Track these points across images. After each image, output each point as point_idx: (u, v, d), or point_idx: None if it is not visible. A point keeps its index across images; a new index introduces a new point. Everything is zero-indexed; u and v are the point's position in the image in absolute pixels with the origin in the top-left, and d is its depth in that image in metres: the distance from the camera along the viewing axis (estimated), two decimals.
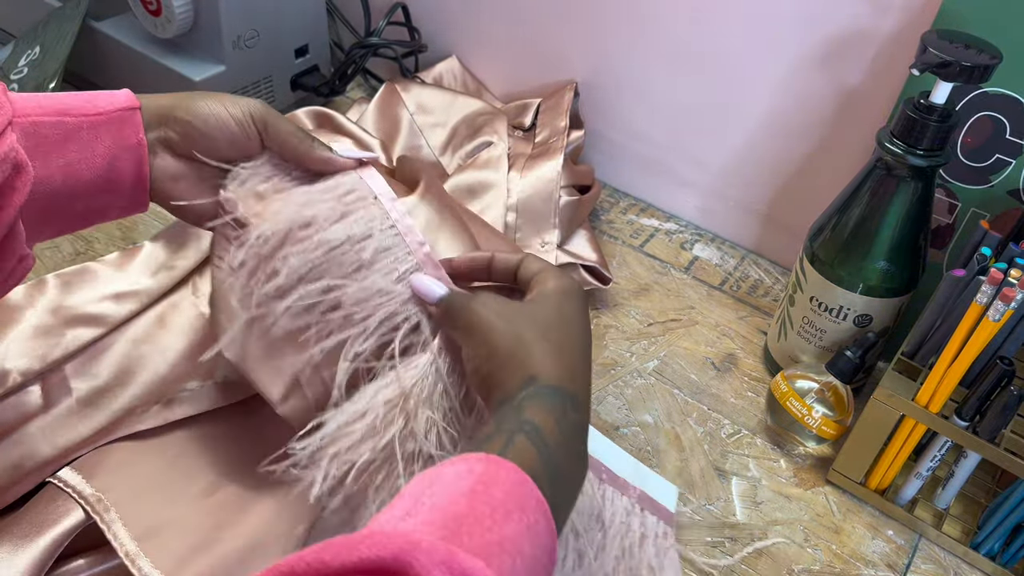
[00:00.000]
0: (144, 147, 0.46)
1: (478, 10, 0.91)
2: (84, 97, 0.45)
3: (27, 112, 0.43)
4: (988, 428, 0.54)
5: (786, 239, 0.82)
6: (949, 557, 0.60)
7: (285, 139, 0.50)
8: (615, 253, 0.83)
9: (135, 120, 0.46)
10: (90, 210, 0.47)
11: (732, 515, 0.60)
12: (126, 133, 0.46)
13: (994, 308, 0.51)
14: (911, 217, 0.60)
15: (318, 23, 0.91)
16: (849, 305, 0.63)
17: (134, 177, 0.47)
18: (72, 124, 0.44)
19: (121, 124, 0.46)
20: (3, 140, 0.41)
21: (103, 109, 0.45)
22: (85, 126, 0.45)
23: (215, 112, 0.48)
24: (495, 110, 0.87)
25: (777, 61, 0.74)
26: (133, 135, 0.46)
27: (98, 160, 0.45)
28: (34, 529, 0.49)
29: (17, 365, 0.56)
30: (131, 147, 0.46)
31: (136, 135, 0.46)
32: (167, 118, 0.48)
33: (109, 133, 0.45)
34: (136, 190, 0.47)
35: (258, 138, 0.50)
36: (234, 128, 0.48)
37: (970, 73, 0.54)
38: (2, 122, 0.42)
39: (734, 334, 0.75)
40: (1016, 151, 0.62)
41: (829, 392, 0.64)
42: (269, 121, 0.49)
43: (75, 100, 0.45)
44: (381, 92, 0.89)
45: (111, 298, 0.61)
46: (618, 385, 0.69)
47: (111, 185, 0.46)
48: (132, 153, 0.46)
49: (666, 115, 0.84)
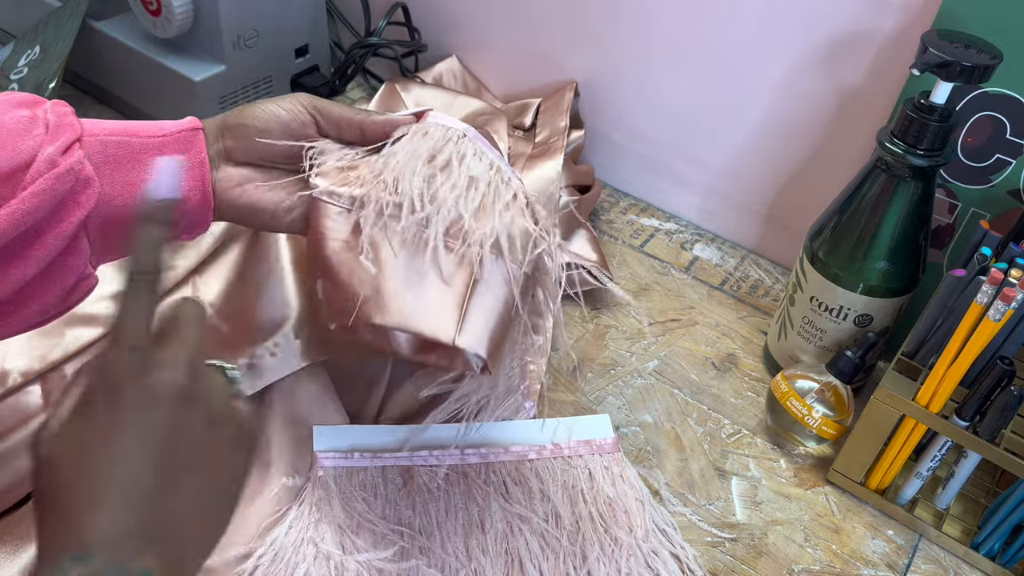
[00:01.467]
0: (207, 165, 0.47)
1: (478, 10, 0.91)
2: (151, 123, 0.47)
3: (95, 132, 0.44)
4: (988, 428, 0.54)
5: (786, 239, 0.82)
6: (949, 557, 0.60)
7: (341, 115, 0.50)
8: (615, 253, 0.83)
9: (199, 140, 0.47)
10: None
11: (732, 515, 0.60)
12: (191, 153, 0.47)
13: (994, 308, 0.51)
14: (911, 217, 0.60)
15: (318, 23, 0.91)
16: (849, 305, 0.63)
17: (199, 194, 0.47)
18: (139, 144, 0.45)
19: (186, 144, 0.47)
20: (70, 153, 0.43)
21: (168, 131, 0.47)
22: (152, 146, 0.46)
23: (266, 109, 0.49)
24: (495, 110, 0.87)
25: (777, 61, 0.74)
26: (197, 154, 0.47)
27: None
28: (33, 530, 0.48)
29: (17, 365, 0.56)
30: (195, 165, 0.47)
31: (200, 153, 0.47)
32: (222, 129, 0.48)
33: (175, 153, 0.46)
34: (200, 208, 0.48)
35: (313, 124, 0.50)
36: (287, 118, 0.49)
37: (970, 73, 0.54)
38: (71, 137, 0.43)
39: (734, 334, 0.75)
40: (1016, 151, 0.62)
41: (829, 392, 0.64)
42: (320, 105, 0.50)
43: (142, 125, 0.46)
44: (381, 92, 0.89)
45: (111, 298, 0.61)
46: (618, 385, 0.69)
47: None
48: (196, 171, 0.47)
49: (666, 115, 0.84)
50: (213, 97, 0.82)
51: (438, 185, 0.48)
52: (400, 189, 0.47)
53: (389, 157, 0.49)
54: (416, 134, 0.50)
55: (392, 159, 0.49)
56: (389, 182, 0.48)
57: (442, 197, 0.48)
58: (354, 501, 0.55)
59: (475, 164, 0.50)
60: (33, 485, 0.33)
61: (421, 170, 0.48)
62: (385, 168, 0.49)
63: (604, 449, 0.61)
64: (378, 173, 0.49)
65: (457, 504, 0.56)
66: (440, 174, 0.49)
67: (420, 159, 0.49)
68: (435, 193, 0.48)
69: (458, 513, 0.55)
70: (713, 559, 0.57)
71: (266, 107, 0.49)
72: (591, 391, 0.68)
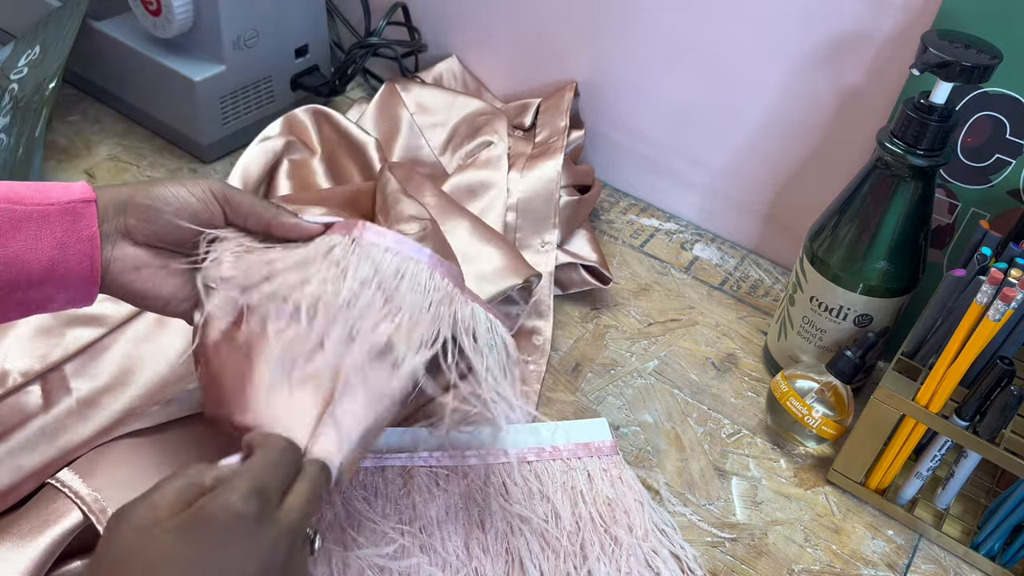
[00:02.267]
0: (97, 240, 0.45)
1: (478, 10, 0.91)
2: (38, 187, 0.44)
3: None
4: (988, 428, 0.54)
5: (786, 239, 0.82)
6: (949, 557, 0.60)
7: (250, 209, 0.49)
8: (615, 253, 0.83)
9: (90, 212, 0.45)
10: (30, 300, 0.45)
11: (732, 515, 0.60)
12: (79, 226, 0.44)
13: (994, 308, 0.51)
14: (911, 217, 0.60)
15: (318, 23, 0.91)
16: (849, 305, 0.63)
17: (84, 271, 0.45)
18: (22, 212, 0.43)
19: (74, 217, 0.44)
20: None
21: (56, 200, 0.44)
22: (36, 216, 0.43)
23: (174, 192, 0.47)
24: (495, 110, 0.87)
25: (777, 61, 0.74)
26: (86, 228, 0.44)
27: (46, 252, 0.43)
28: (34, 530, 0.49)
29: (17, 365, 0.56)
30: (83, 239, 0.44)
31: (89, 228, 0.45)
32: (126, 205, 0.46)
33: (61, 225, 0.44)
34: (85, 283, 0.46)
35: (221, 214, 0.48)
36: (196, 205, 0.47)
37: (970, 73, 0.54)
38: None
39: (734, 334, 0.75)
40: (1016, 151, 0.62)
41: (829, 392, 0.64)
42: (230, 195, 0.48)
43: (27, 189, 0.44)
44: (381, 92, 0.89)
45: (111, 298, 0.61)
46: (618, 385, 0.69)
47: (57, 278, 0.44)
48: (84, 246, 0.44)
49: (666, 115, 0.84)
50: (213, 97, 0.82)
51: (327, 293, 0.46)
52: (285, 291, 0.46)
53: (287, 254, 0.48)
54: (317, 253, 0.48)
55: (290, 257, 0.48)
56: (278, 280, 0.47)
57: (326, 304, 0.46)
58: (354, 500, 0.55)
59: (365, 270, 0.47)
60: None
61: (314, 274, 0.47)
62: (278, 265, 0.47)
63: (602, 451, 0.62)
64: (270, 267, 0.47)
65: (457, 504, 0.56)
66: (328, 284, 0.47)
67: (316, 264, 0.47)
68: (319, 300, 0.46)
69: (458, 513, 0.55)
70: (713, 559, 0.57)
71: (177, 192, 0.47)
72: (591, 391, 0.68)
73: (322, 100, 0.93)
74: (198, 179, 0.48)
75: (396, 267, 0.47)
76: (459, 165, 0.83)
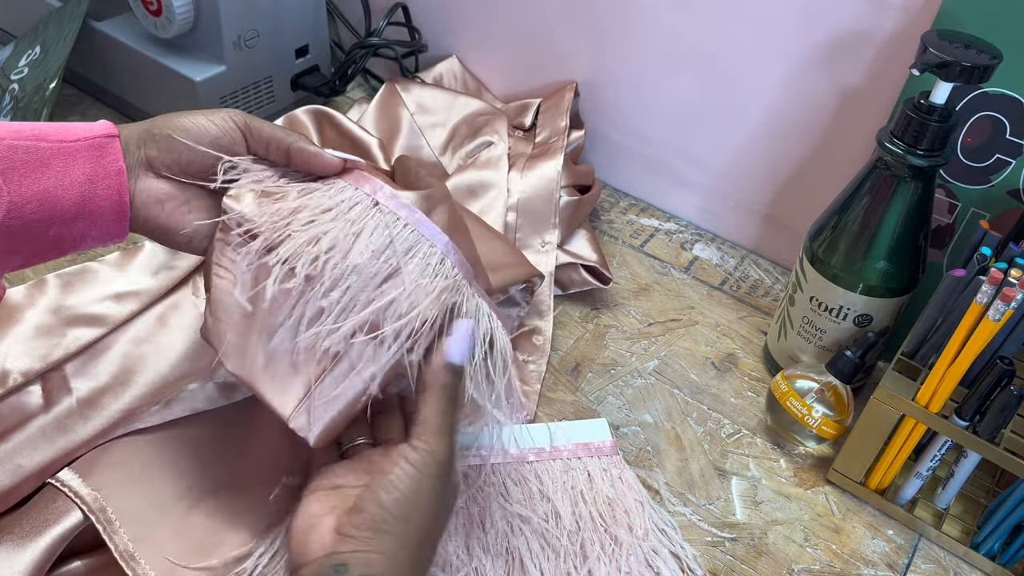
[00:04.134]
0: (124, 175, 0.45)
1: (478, 10, 0.91)
2: (61, 125, 0.44)
3: (1, 135, 0.42)
4: (988, 428, 0.54)
5: (786, 239, 0.82)
6: (949, 557, 0.60)
7: (270, 136, 0.49)
8: (615, 253, 0.83)
9: (114, 147, 0.45)
10: (63, 238, 0.45)
11: (732, 515, 0.61)
12: (106, 161, 0.45)
13: (994, 308, 0.51)
14: (911, 217, 0.60)
15: (318, 23, 0.91)
16: (849, 305, 0.63)
17: (114, 205, 0.45)
18: (48, 150, 0.43)
19: (100, 151, 0.45)
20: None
21: (80, 136, 0.44)
22: (62, 152, 0.43)
23: (195, 121, 0.47)
24: (495, 110, 0.87)
25: (777, 61, 0.74)
26: (113, 163, 0.45)
27: (75, 187, 0.44)
28: (34, 530, 0.49)
29: (18, 365, 0.56)
30: (110, 174, 0.45)
31: (116, 162, 0.45)
32: (146, 136, 0.46)
33: (88, 160, 0.44)
34: (116, 218, 0.46)
35: (243, 140, 0.49)
36: (216, 132, 0.47)
37: (970, 73, 0.54)
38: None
39: (734, 334, 0.75)
40: (1016, 151, 0.62)
41: (829, 392, 0.64)
42: (251, 122, 0.49)
43: (51, 129, 0.44)
44: (381, 92, 0.89)
45: (112, 298, 0.61)
46: (618, 385, 0.69)
47: (88, 213, 0.45)
48: (112, 180, 0.45)
49: (666, 115, 0.84)
50: (213, 97, 0.82)
51: (336, 255, 0.46)
52: (296, 247, 0.46)
53: (306, 199, 0.48)
54: (338, 206, 0.48)
55: (311, 200, 0.47)
56: (294, 233, 0.46)
57: (330, 269, 0.46)
58: None
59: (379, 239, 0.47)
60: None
61: (330, 229, 0.46)
62: (298, 213, 0.47)
63: (603, 452, 0.62)
64: (289, 214, 0.47)
65: (457, 504, 0.56)
66: (339, 243, 0.46)
67: (333, 218, 0.47)
68: (328, 261, 0.46)
69: (458, 512, 0.55)
70: (713, 559, 0.57)
71: (196, 119, 0.47)
72: (591, 391, 0.68)
73: (322, 100, 0.93)
74: (218, 108, 0.48)
75: (410, 245, 0.47)
76: (459, 165, 0.83)
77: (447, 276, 0.47)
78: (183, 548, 0.51)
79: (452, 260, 0.48)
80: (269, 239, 0.46)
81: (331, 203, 0.48)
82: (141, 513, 0.51)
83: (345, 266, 0.45)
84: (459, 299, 0.47)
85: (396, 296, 0.45)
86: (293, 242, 0.46)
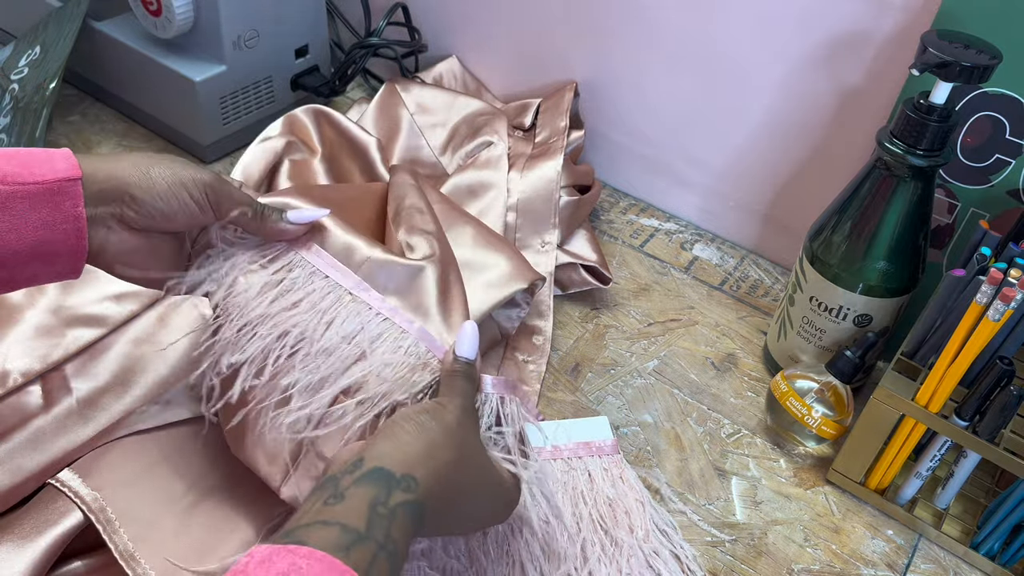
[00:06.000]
0: (83, 220, 0.44)
1: (478, 10, 0.91)
2: (21, 160, 0.43)
3: None
4: (988, 428, 0.54)
5: (786, 239, 0.82)
6: (949, 557, 0.60)
7: (239, 216, 0.50)
8: (615, 253, 0.83)
9: (75, 192, 0.44)
10: (15, 279, 0.44)
11: (732, 515, 0.61)
12: (65, 206, 0.43)
13: (994, 308, 0.51)
14: (911, 217, 0.60)
15: (318, 23, 0.91)
16: (849, 305, 0.63)
17: (70, 248, 0.45)
18: (5, 192, 0.42)
19: (60, 196, 0.43)
20: None
21: (41, 178, 0.43)
22: (19, 195, 0.42)
23: (175, 194, 0.47)
24: (495, 110, 0.87)
25: (777, 61, 0.74)
26: (72, 207, 0.44)
27: (30, 231, 0.43)
28: (34, 530, 0.49)
29: (18, 366, 0.56)
30: (69, 219, 0.44)
31: (75, 207, 0.44)
32: (122, 194, 0.46)
33: (46, 204, 0.43)
34: (71, 260, 0.45)
35: (211, 212, 0.49)
36: (193, 207, 0.48)
37: (970, 73, 0.54)
38: None
39: (734, 334, 0.75)
40: (1016, 151, 0.62)
41: (829, 392, 0.64)
42: (222, 195, 0.49)
43: (10, 165, 0.43)
44: (381, 92, 0.89)
45: (112, 298, 0.61)
46: (618, 385, 0.69)
47: (43, 255, 0.44)
48: (70, 225, 0.44)
49: (666, 115, 0.84)
50: (213, 97, 0.82)
51: (307, 341, 0.49)
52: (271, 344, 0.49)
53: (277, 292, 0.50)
54: (310, 295, 0.51)
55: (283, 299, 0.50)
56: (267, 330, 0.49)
57: (304, 354, 0.48)
58: None
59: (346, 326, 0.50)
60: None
61: (300, 315, 0.49)
62: (272, 308, 0.50)
63: (603, 451, 0.62)
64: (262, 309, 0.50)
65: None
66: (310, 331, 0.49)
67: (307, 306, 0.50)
68: (298, 345, 0.48)
69: None
70: (713, 559, 0.57)
71: (178, 194, 0.47)
72: (591, 391, 0.68)
73: (322, 100, 0.93)
74: (195, 170, 0.48)
75: (380, 331, 0.50)
76: (459, 165, 0.83)
77: (419, 356, 0.49)
78: (183, 548, 0.51)
79: (426, 344, 0.50)
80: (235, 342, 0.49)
81: (301, 294, 0.51)
82: (141, 513, 0.51)
83: (315, 350, 0.48)
84: (428, 377, 0.49)
85: (361, 377, 0.48)
86: (261, 342, 0.49)
